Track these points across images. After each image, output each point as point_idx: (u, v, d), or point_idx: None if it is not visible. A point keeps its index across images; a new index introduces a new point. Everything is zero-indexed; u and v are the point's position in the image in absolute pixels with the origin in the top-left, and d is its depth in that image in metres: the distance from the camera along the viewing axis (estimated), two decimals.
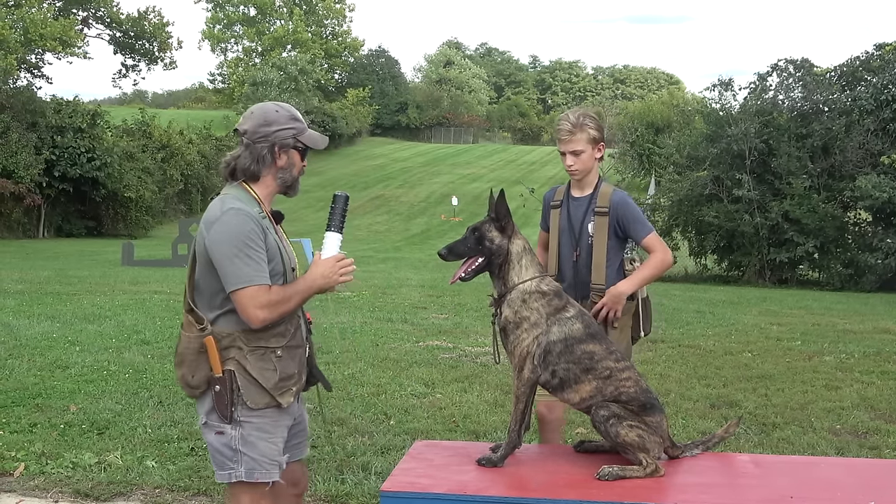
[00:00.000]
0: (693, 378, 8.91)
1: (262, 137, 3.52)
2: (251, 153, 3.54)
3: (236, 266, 3.34)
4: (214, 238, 3.39)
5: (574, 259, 4.77)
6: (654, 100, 73.18)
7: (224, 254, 3.36)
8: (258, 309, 3.35)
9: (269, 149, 3.53)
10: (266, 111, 3.58)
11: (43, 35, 55.66)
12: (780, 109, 26.09)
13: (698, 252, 25.96)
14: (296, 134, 3.58)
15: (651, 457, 3.71)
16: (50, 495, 5.39)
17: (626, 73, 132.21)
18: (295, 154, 3.62)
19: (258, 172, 3.55)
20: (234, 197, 3.51)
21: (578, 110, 4.75)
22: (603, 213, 4.72)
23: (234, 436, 3.46)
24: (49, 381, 8.17)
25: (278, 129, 3.53)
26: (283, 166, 3.59)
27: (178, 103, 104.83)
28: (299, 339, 3.61)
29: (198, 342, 3.44)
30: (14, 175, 40.12)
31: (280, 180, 3.62)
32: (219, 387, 3.42)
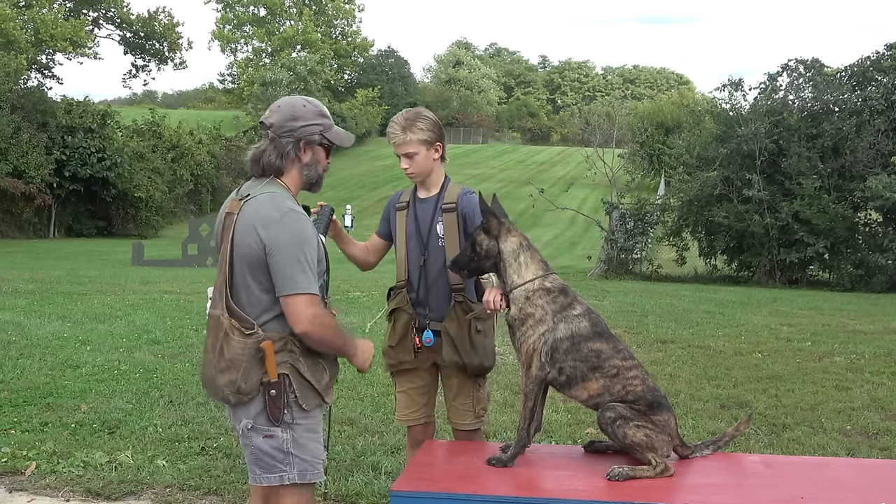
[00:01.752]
0: (703, 379, 8.89)
1: (287, 132, 3.47)
2: (276, 147, 3.48)
3: (295, 271, 3.28)
4: (276, 239, 3.30)
5: (421, 264, 4.48)
6: (664, 100, 73.11)
7: (286, 256, 3.29)
8: (307, 319, 3.31)
9: (295, 144, 3.48)
10: (294, 105, 3.52)
11: (53, 35, 55.91)
12: (790, 110, 26.03)
13: (708, 252, 25.89)
14: (322, 130, 3.54)
15: (660, 456, 3.70)
16: (61, 494, 5.41)
17: (635, 74, 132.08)
18: (320, 151, 3.58)
19: (282, 167, 3.49)
20: (283, 195, 3.44)
21: (409, 112, 4.51)
22: (450, 209, 4.46)
23: (285, 438, 3.42)
24: (60, 380, 8.20)
25: (305, 125, 3.49)
26: (308, 162, 3.54)
27: (188, 103, 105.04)
28: None
29: (252, 347, 3.35)
30: (25, 175, 40.28)
31: (305, 176, 3.57)
32: (274, 391, 3.37)
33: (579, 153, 41.71)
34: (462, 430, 4.55)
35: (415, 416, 4.61)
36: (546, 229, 44.19)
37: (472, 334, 4.39)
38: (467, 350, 4.39)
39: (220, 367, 3.41)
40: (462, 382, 4.50)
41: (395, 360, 4.57)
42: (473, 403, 4.51)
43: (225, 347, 3.39)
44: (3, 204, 41.15)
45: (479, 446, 4.30)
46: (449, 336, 4.40)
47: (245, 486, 5.44)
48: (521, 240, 4.00)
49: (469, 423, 4.52)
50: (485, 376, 4.56)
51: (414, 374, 4.58)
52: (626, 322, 12.78)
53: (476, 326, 4.40)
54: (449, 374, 4.52)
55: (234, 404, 3.48)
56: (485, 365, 4.45)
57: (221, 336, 3.40)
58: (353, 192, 60.83)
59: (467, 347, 4.39)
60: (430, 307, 4.47)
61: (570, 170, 65.31)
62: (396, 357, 4.55)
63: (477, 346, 4.40)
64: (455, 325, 4.39)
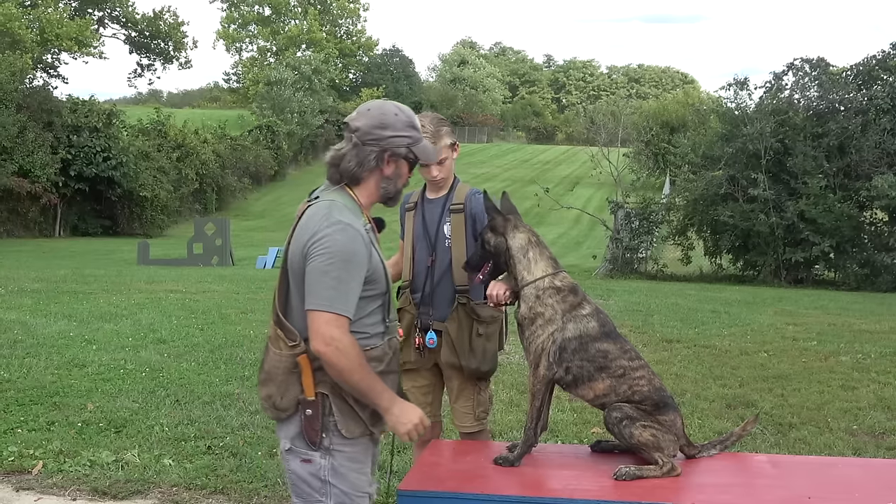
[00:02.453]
0: (709, 378, 8.88)
1: (373, 140, 3.17)
2: (357, 154, 3.19)
3: (323, 284, 3.03)
4: (315, 250, 3.05)
5: (428, 264, 4.48)
6: (669, 99, 73.02)
7: (317, 267, 3.04)
8: (322, 339, 3.02)
9: (378, 154, 3.18)
10: (384, 112, 3.22)
11: (59, 35, 56.06)
12: (795, 109, 25.99)
13: (713, 252, 25.87)
14: (410, 143, 3.23)
15: (667, 455, 3.70)
16: (68, 493, 5.42)
17: (640, 73, 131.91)
18: (404, 164, 3.27)
19: (360, 176, 3.21)
20: (342, 206, 3.15)
21: (429, 117, 4.41)
22: (458, 209, 4.45)
23: (323, 465, 3.16)
24: (66, 379, 8.21)
25: (393, 135, 3.19)
26: (390, 176, 3.25)
27: (193, 103, 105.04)
28: (395, 365, 3.34)
29: (290, 360, 3.12)
30: (30, 174, 40.37)
31: (383, 189, 3.27)
32: (310, 410, 3.12)
33: (584, 152, 41.78)
34: (464, 433, 4.55)
35: None
36: (551, 228, 44.16)
37: (472, 337, 4.38)
38: (465, 353, 4.38)
39: (261, 378, 3.27)
40: (462, 385, 4.49)
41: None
42: (474, 406, 4.51)
43: (266, 357, 3.24)
44: (8, 203, 41.22)
45: (485, 446, 4.30)
46: (449, 337, 4.40)
47: (251, 486, 5.45)
48: (530, 236, 3.96)
49: (470, 426, 4.52)
50: (486, 379, 4.55)
51: (418, 374, 4.58)
52: (632, 321, 12.77)
53: (478, 329, 4.38)
54: (450, 376, 4.52)
55: (274, 420, 3.30)
56: (482, 369, 4.43)
57: (266, 345, 3.26)
58: None
59: (466, 350, 4.38)
60: (433, 307, 4.46)
61: (575, 169, 65.35)
62: (401, 357, 4.54)
63: (476, 349, 4.38)
64: (456, 327, 4.39)
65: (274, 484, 5.46)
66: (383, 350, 3.23)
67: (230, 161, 56.97)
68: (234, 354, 9.58)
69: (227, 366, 9.00)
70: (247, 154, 59.51)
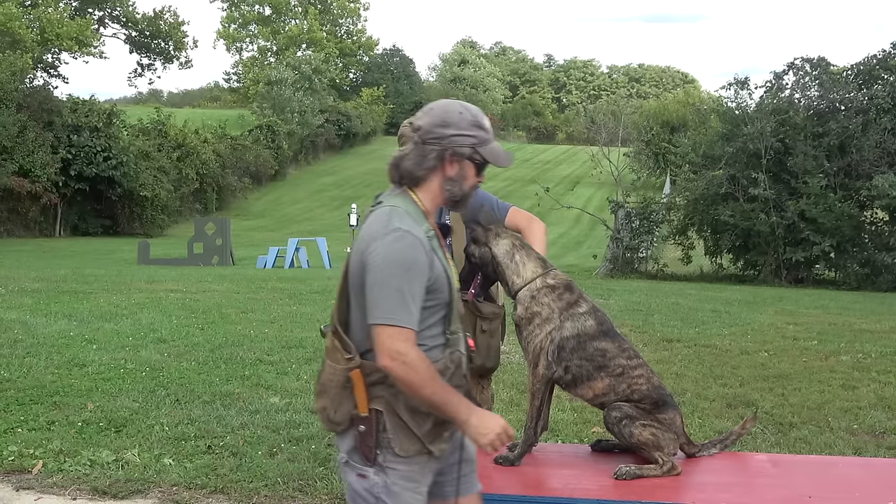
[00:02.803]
0: (709, 377, 8.88)
1: (435, 139, 3.04)
2: (418, 153, 3.06)
3: (384, 296, 2.89)
4: (372, 259, 2.92)
5: None
6: (670, 99, 73.00)
7: (377, 279, 2.90)
8: (387, 354, 2.88)
9: (439, 153, 3.04)
10: (448, 111, 3.10)
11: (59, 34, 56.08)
12: (796, 108, 25.97)
13: (714, 251, 25.85)
14: (475, 144, 3.06)
15: (666, 454, 3.70)
16: (68, 493, 5.42)
17: (641, 72, 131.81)
18: (469, 166, 3.10)
19: (420, 176, 3.07)
20: (402, 212, 3.01)
21: None
22: None
23: (376, 482, 3.02)
24: (66, 378, 8.21)
25: (455, 134, 3.04)
26: (453, 177, 3.08)
27: (193, 102, 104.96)
28: (459, 378, 3.10)
29: (343, 374, 3.02)
30: (31, 174, 40.38)
31: (447, 192, 3.10)
32: (363, 427, 2.99)
33: (585, 152, 41.71)
34: None
35: None
36: (551, 228, 43.96)
37: (476, 334, 4.38)
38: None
39: (316, 389, 3.17)
40: None
41: None
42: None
43: (322, 368, 3.15)
44: (9, 203, 41.21)
45: None
46: None
47: (251, 485, 5.45)
48: (513, 240, 3.97)
49: None
50: (489, 377, 4.55)
51: None
52: (632, 321, 12.77)
53: (481, 326, 4.38)
54: None
55: (330, 431, 3.21)
56: (487, 365, 4.44)
57: (325, 356, 3.15)
58: (359, 190, 60.82)
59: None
60: None
61: (576, 168, 65.35)
62: None
63: (480, 346, 4.38)
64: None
65: (274, 483, 5.46)
66: (445, 364, 3.05)
67: (230, 161, 56.95)
68: (235, 354, 9.58)
69: (227, 365, 9.00)
70: (247, 154, 59.50)
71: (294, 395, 7.73)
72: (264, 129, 64.64)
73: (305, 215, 55.50)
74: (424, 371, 2.89)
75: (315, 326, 11.70)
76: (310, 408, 7.10)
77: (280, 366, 9.04)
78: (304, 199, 61.07)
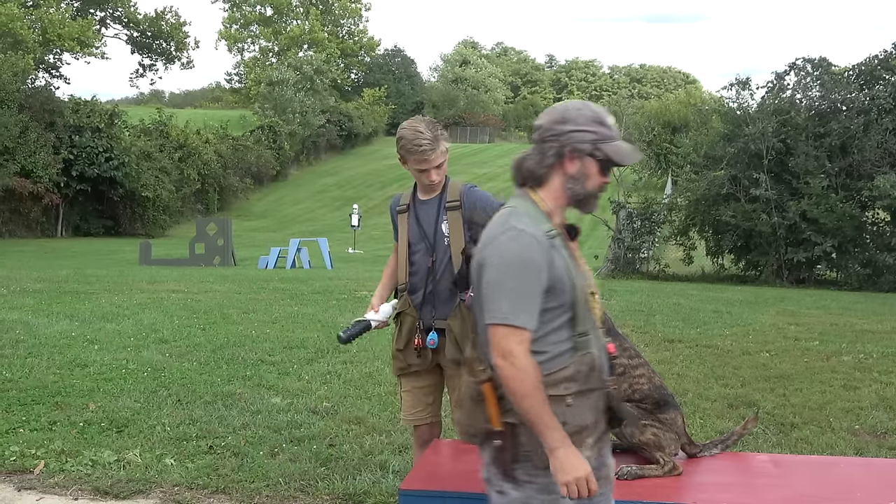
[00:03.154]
0: (711, 378, 8.87)
1: (553, 136, 2.94)
2: (538, 152, 2.98)
3: (499, 296, 2.80)
4: (488, 259, 2.85)
5: (429, 265, 4.46)
6: (671, 99, 73.02)
7: (492, 279, 2.83)
8: (499, 352, 2.78)
9: (558, 150, 2.93)
10: (567, 108, 2.99)
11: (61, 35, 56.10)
12: (797, 108, 25.96)
13: (715, 252, 25.84)
14: (596, 140, 2.93)
15: (668, 454, 3.70)
16: (69, 493, 5.42)
17: (642, 73, 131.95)
18: (591, 163, 2.95)
19: (541, 176, 2.98)
20: (521, 212, 2.93)
21: (424, 122, 4.39)
22: (454, 206, 4.44)
23: (515, 498, 2.90)
24: (68, 379, 8.21)
25: (573, 130, 2.93)
26: (574, 175, 2.95)
27: (195, 103, 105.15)
28: (595, 381, 2.94)
29: (474, 387, 2.94)
30: (33, 175, 40.46)
31: (569, 191, 2.98)
32: (499, 441, 2.89)
33: None
34: None
35: (421, 415, 4.62)
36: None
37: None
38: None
39: (454, 400, 3.14)
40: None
41: (403, 363, 4.58)
42: None
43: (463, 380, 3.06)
44: (10, 203, 41.28)
45: None
46: (452, 334, 4.39)
47: (253, 485, 5.45)
48: None
49: None
50: None
51: (418, 374, 4.59)
52: (634, 321, 12.76)
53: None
54: (452, 374, 4.50)
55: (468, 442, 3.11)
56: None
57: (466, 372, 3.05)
58: (360, 191, 60.91)
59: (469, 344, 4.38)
60: (435, 307, 4.47)
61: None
62: (406, 360, 4.56)
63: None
64: (459, 323, 4.38)
65: (275, 484, 5.46)
66: (575, 368, 2.89)
67: (232, 161, 57.04)
68: (236, 354, 9.58)
69: (228, 366, 9.00)
70: (248, 154, 59.60)
71: (295, 395, 7.72)
72: (266, 129, 64.75)
73: (307, 216, 55.55)
74: (531, 380, 2.76)
75: (316, 327, 11.71)
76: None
77: (282, 366, 9.04)
78: (306, 199, 61.12)
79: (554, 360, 2.85)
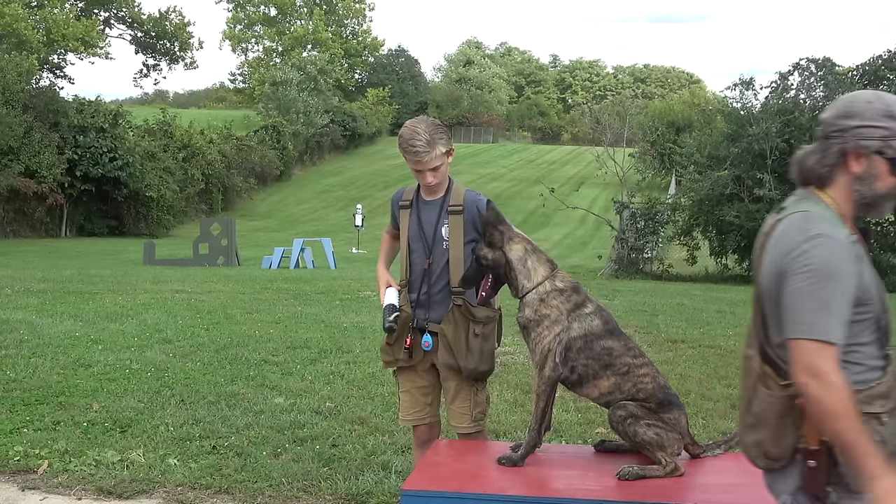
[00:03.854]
0: (713, 378, 8.87)
1: (836, 132, 2.70)
2: (820, 149, 2.76)
3: (805, 308, 2.58)
4: (792, 269, 2.63)
5: (425, 267, 4.46)
6: (675, 99, 72.99)
7: (797, 289, 2.60)
8: (803, 370, 2.56)
9: (841, 148, 2.69)
10: (854, 101, 2.72)
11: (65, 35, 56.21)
12: (801, 109, 25.92)
13: (719, 252, 25.82)
14: (886, 136, 2.64)
15: (670, 455, 3.70)
16: (73, 493, 5.43)
17: (646, 73, 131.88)
18: (880, 163, 2.67)
19: (823, 175, 2.76)
20: (817, 216, 2.69)
21: (424, 125, 4.34)
22: (457, 211, 4.41)
23: None
24: (72, 379, 8.23)
25: (860, 126, 2.65)
26: (860, 175, 2.69)
27: (199, 103, 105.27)
28: None
29: (783, 403, 2.69)
30: (37, 175, 40.52)
31: (856, 192, 2.72)
32: (813, 462, 2.65)
33: (590, 152, 41.73)
34: (461, 434, 4.55)
35: (419, 416, 4.62)
36: (556, 228, 44.18)
37: (469, 338, 4.36)
38: (462, 353, 4.36)
39: (747, 422, 2.84)
40: (459, 385, 4.47)
41: (390, 357, 4.58)
42: (471, 407, 4.49)
43: (753, 399, 2.80)
44: (15, 203, 41.35)
45: (489, 446, 4.31)
46: (446, 339, 4.38)
47: (256, 485, 5.46)
48: (525, 244, 4.01)
49: (466, 427, 4.50)
50: (484, 380, 4.55)
51: (416, 374, 4.59)
52: (637, 321, 12.76)
53: (475, 330, 4.36)
54: (447, 377, 4.51)
55: (763, 469, 2.86)
56: (480, 369, 4.40)
57: (750, 384, 2.82)
58: (364, 191, 60.90)
59: (463, 351, 4.36)
60: (429, 309, 4.47)
61: (581, 169, 65.30)
62: (392, 354, 4.57)
63: (473, 349, 4.35)
64: (452, 328, 4.37)
65: (278, 484, 5.47)
66: (889, 385, 2.66)
67: (236, 161, 57.07)
68: (240, 354, 9.59)
69: (232, 366, 9.01)
70: (252, 154, 59.62)
71: (299, 395, 7.73)
72: (269, 129, 64.78)
73: (311, 216, 55.56)
74: (844, 399, 2.51)
75: (319, 327, 11.72)
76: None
77: (285, 366, 9.05)
78: (310, 199, 61.13)
79: (866, 375, 2.67)
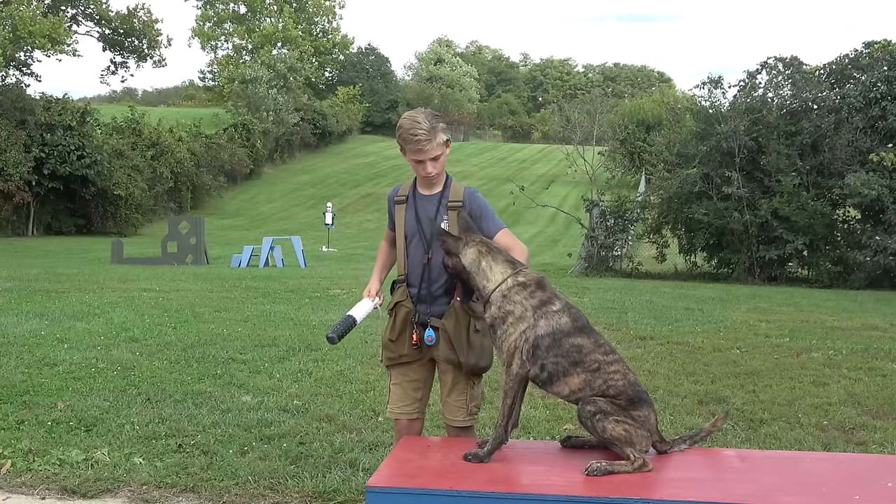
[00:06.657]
0: (681, 374, 8.92)
1: None
2: None
3: None
4: None
5: (425, 262, 4.49)
6: (645, 98, 73.25)
7: None
8: None
9: None
10: None
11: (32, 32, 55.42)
12: (769, 107, 26.10)
13: (688, 249, 25.96)
14: None
15: (638, 451, 3.71)
16: (37, 492, 5.38)
17: (616, 71, 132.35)
18: None
19: None
20: None
21: (424, 114, 4.39)
22: (456, 206, 4.43)
23: None
24: (37, 378, 8.15)
25: None
26: None
27: (168, 101, 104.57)
28: None
29: None
30: (3, 173, 40.15)
31: None
32: None
33: (560, 151, 41.83)
34: (454, 427, 4.57)
35: (407, 409, 4.63)
36: (527, 227, 44.25)
37: (469, 333, 4.41)
38: (464, 349, 4.41)
39: None
40: (457, 379, 4.51)
41: (394, 353, 4.60)
42: (467, 401, 4.54)
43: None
44: None
45: (456, 442, 4.30)
46: (447, 334, 4.42)
47: (222, 484, 5.42)
48: (479, 248, 4.02)
49: (462, 420, 4.54)
50: (481, 375, 4.58)
51: (409, 368, 4.61)
52: (606, 319, 12.81)
53: (475, 325, 4.41)
54: (445, 370, 4.54)
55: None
56: (480, 364, 4.46)
57: None
58: (334, 189, 60.76)
59: (464, 346, 4.41)
60: (430, 304, 4.49)
61: (551, 167, 65.54)
62: (396, 351, 4.58)
63: (474, 345, 4.41)
64: (453, 323, 4.41)
65: (245, 482, 5.44)
66: None
67: (205, 159, 56.79)
68: (207, 353, 9.54)
69: (199, 364, 8.96)
70: (222, 152, 59.34)
71: (266, 393, 7.70)
72: (239, 127, 64.48)
73: (281, 214, 55.36)
74: None
75: (288, 325, 11.68)
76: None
77: (252, 364, 9.01)
78: (280, 197, 60.90)
79: None
